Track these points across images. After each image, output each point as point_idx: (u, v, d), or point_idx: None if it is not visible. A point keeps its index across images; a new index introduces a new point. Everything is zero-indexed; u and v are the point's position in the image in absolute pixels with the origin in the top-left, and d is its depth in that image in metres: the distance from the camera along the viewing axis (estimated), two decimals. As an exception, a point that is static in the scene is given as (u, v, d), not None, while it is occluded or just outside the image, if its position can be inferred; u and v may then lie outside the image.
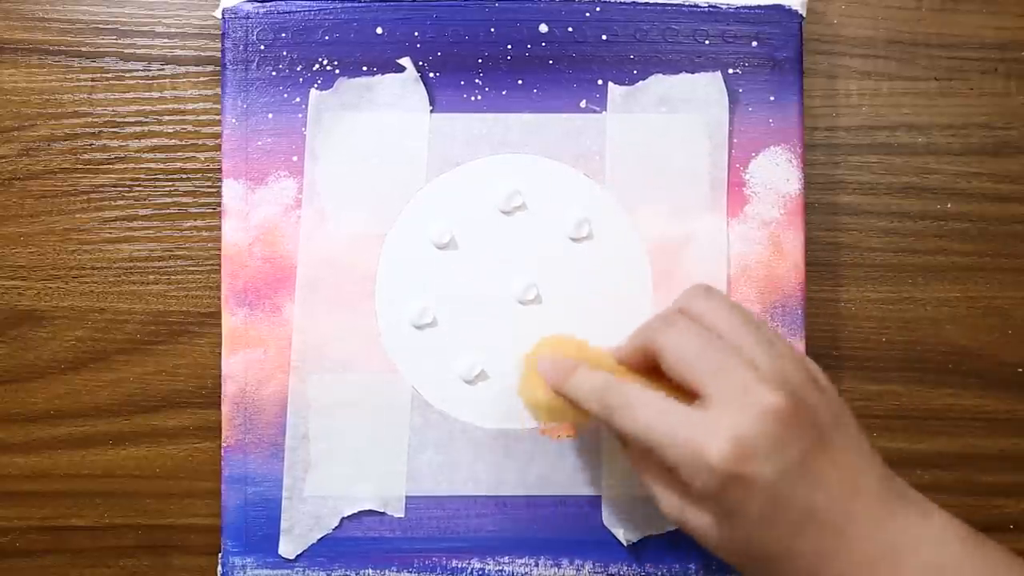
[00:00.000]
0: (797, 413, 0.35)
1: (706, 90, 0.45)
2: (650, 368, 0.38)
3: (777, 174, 0.45)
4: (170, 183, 0.46)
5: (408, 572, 0.44)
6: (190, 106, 0.46)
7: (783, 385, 0.35)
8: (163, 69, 0.46)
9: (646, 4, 0.45)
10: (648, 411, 0.36)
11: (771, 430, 0.34)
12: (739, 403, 0.35)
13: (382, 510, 0.44)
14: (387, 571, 0.44)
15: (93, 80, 0.46)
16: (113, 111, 0.46)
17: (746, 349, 0.36)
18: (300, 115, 0.45)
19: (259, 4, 0.45)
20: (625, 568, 0.45)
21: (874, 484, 0.36)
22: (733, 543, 0.36)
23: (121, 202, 0.46)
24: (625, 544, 0.44)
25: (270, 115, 0.45)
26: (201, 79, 0.46)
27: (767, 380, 0.35)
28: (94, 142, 0.46)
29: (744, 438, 0.34)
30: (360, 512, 0.44)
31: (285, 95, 0.45)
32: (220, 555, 0.44)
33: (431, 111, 0.45)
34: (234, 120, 0.45)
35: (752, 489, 0.34)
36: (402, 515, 0.45)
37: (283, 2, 0.45)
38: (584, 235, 0.45)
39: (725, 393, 0.35)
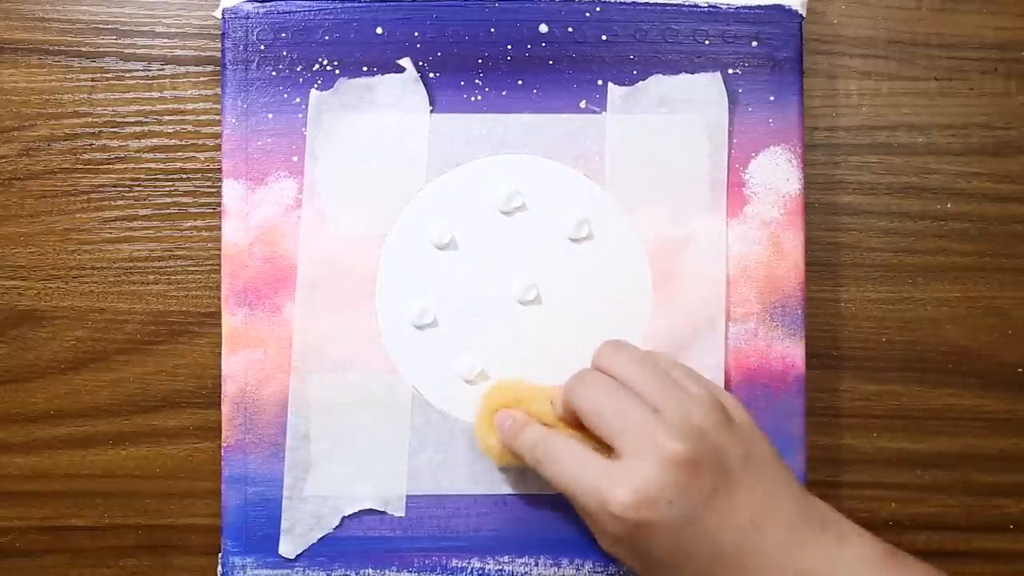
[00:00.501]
0: (700, 459, 0.37)
1: (706, 90, 0.45)
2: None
3: (777, 174, 0.45)
4: (170, 183, 0.46)
5: (408, 572, 0.44)
6: (190, 106, 0.46)
7: (687, 432, 0.37)
8: (163, 69, 0.46)
9: (646, 4, 0.45)
10: (567, 463, 0.39)
11: (672, 478, 0.36)
12: (643, 454, 0.37)
13: (382, 509, 0.44)
14: (387, 571, 0.44)
15: (93, 80, 0.46)
16: (113, 111, 0.46)
17: (652, 398, 0.38)
18: (300, 115, 0.45)
19: (259, 4, 0.45)
20: (625, 568, 0.45)
21: (786, 516, 0.37)
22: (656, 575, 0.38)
23: (121, 202, 0.46)
24: None
25: (270, 115, 0.45)
26: (201, 79, 0.46)
27: (671, 429, 0.37)
28: (94, 142, 0.46)
29: (644, 487, 0.36)
30: (360, 511, 0.44)
31: (285, 95, 0.45)
32: (220, 555, 0.44)
33: (431, 111, 0.45)
34: (234, 120, 0.45)
35: (655, 535, 0.37)
36: (402, 514, 0.45)
37: (283, 2, 0.45)
38: (584, 235, 0.45)
39: (631, 445, 0.37)
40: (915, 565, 0.37)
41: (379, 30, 0.45)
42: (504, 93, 0.45)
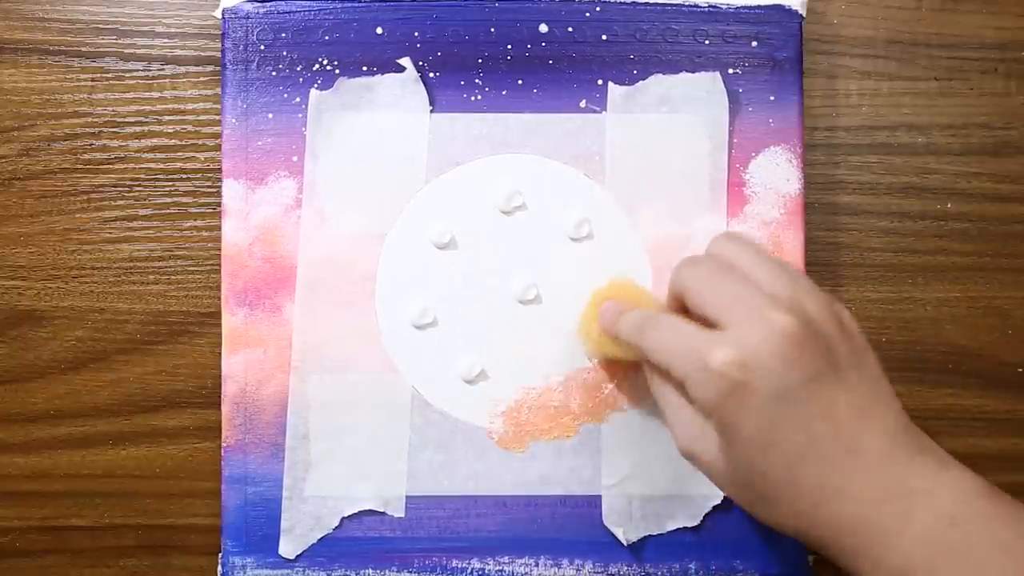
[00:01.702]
0: (809, 338, 0.35)
1: (706, 90, 0.45)
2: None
3: (777, 174, 0.45)
4: (170, 183, 0.46)
5: (408, 572, 0.44)
6: (190, 106, 0.46)
7: (799, 311, 0.35)
8: (163, 69, 0.46)
9: (646, 4, 0.45)
10: (669, 331, 0.37)
11: (778, 348, 0.34)
12: (751, 322, 0.35)
13: (382, 510, 0.44)
14: (387, 571, 0.44)
15: (93, 80, 0.46)
16: (113, 111, 0.46)
17: (765, 282, 0.36)
18: (300, 115, 0.45)
19: (259, 4, 0.45)
20: (625, 568, 0.45)
21: (889, 426, 0.35)
22: (737, 472, 0.36)
23: (121, 202, 0.46)
24: (625, 544, 0.44)
25: (270, 115, 0.45)
26: (201, 79, 0.46)
27: (781, 304, 0.35)
28: (94, 142, 0.46)
29: (748, 348, 0.34)
30: (360, 512, 0.44)
31: (285, 95, 0.45)
32: (220, 555, 0.44)
33: (431, 111, 0.45)
34: (234, 120, 0.45)
35: (751, 401, 0.34)
36: (402, 515, 0.45)
37: (283, 2, 0.45)
38: (584, 235, 0.45)
39: (738, 316, 0.35)
40: (1013, 504, 0.35)
41: (379, 30, 0.45)
42: (504, 93, 0.45)
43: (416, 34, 0.45)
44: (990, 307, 0.47)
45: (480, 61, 0.45)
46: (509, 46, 0.45)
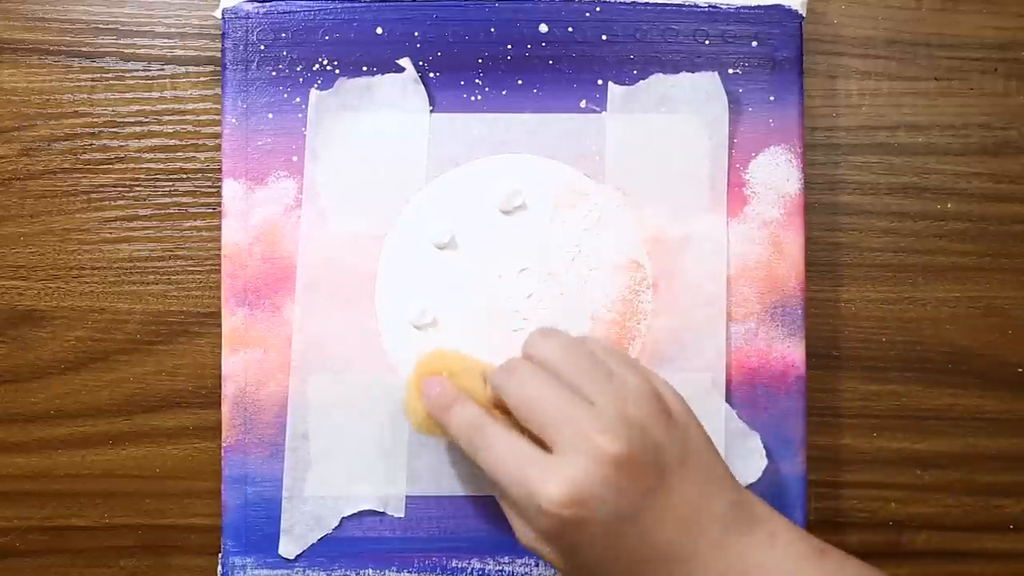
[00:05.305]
0: (637, 458, 0.35)
1: (706, 90, 0.45)
2: None
3: (777, 174, 0.45)
4: (170, 183, 0.46)
5: (408, 572, 0.44)
6: (190, 106, 0.46)
7: (623, 428, 0.36)
8: (163, 69, 0.46)
9: (646, 4, 0.45)
10: (502, 451, 0.37)
11: (608, 476, 0.35)
12: (577, 449, 0.35)
13: (382, 510, 0.44)
14: (387, 571, 0.44)
15: (93, 80, 0.46)
16: (113, 111, 0.46)
17: (586, 390, 0.37)
18: (300, 115, 0.45)
19: (259, 4, 0.45)
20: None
21: (719, 514, 0.36)
22: (580, 574, 0.37)
23: (121, 202, 0.46)
24: None
25: (270, 115, 0.45)
26: (201, 79, 0.46)
27: (606, 424, 0.35)
28: (94, 142, 0.46)
29: (579, 483, 0.35)
30: (360, 512, 0.44)
31: (285, 95, 0.45)
32: (220, 555, 0.44)
33: (431, 111, 0.45)
34: (234, 120, 0.45)
35: (587, 532, 0.35)
36: (402, 515, 0.45)
37: (283, 2, 0.45)
38: (584, 235, 0.45)
39: (565, 440, 0.36)
40: (846, 561, 0.37)
41: (379, 30, 0.45)
42: (504, 93, 0.45)
43: (416, 34, 0.45)
44: (990, 307, 0.47)
45: (480, 61, 0.45)
46: (509, 46, 0.45)
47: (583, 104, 0.45)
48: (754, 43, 0.45)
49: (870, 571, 0.37)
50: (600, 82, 0.45)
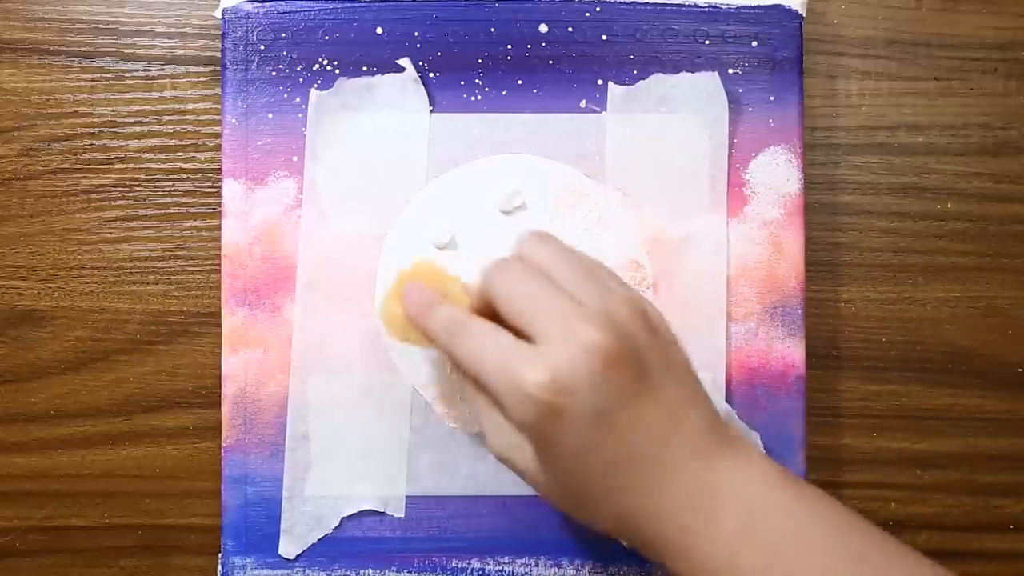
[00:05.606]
0: (621, 353, 0.35)
1: (706, 90, 0.45)
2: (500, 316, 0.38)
3: (777, 174, 0.45)
4: (170, 183, 0.46)
5: (408, 572, 0.44)
6: (190, 106, 0.46)
7: (609, 325, 0.35)
8: (163, 69, 0.46)
9: (646, 4, 0.45)
10: (481, 340, 0.36)
11: (591, 366, 0.34)
12: (562, 338, 0.34)
13: (382, 510, 0.44)
14: (387, 571, 0.44)
15: (93, 80, 0.46)
16: (113, 111, 0.46)
17: (576, 290, 0.36)
18: (300, 115, 0.45)
19: (259, 4, 0.45)
20: (625, 568, 0.45)
21: (697, 429, 0.36)
22: (552, 479, 0.36)
23: (121, 202, 0.46)
24: (625, 544, 0.44)
25: (270, 115, 0.45)
26: (201, 79, 0.46)
27: (593, 318, 0.35)
28: (94, 142, 0.46)
29: (561, 370, 0.34)
30: (360, 512, 0.44)
31: (285, 95, 0.45)
32: (220, 555, 0.44)
33: (431, 111, 0.45)
34: (234, 120, 0.45)
35: (566, 422, 0.34)
36: (402, 515, 0.45)
37: (283, 2, 0.45)
38: (584, 236, 0.45)
39: (550, 330, 0.35)
40: (813, 493, 0.36)
41: (379, 30, 0.45)
42: (504, 93, 0.45)
43: (416, 34, 0.45)
44: (990, 307, 0.47)
45: (480, 61, 0.45)
46: (509, 46, 0.45)
47: (583, 104, 0.45)
48: (754, 43, 0.45)
49: (849, 514, 0.36)
50: (600, 82, 0.45)
